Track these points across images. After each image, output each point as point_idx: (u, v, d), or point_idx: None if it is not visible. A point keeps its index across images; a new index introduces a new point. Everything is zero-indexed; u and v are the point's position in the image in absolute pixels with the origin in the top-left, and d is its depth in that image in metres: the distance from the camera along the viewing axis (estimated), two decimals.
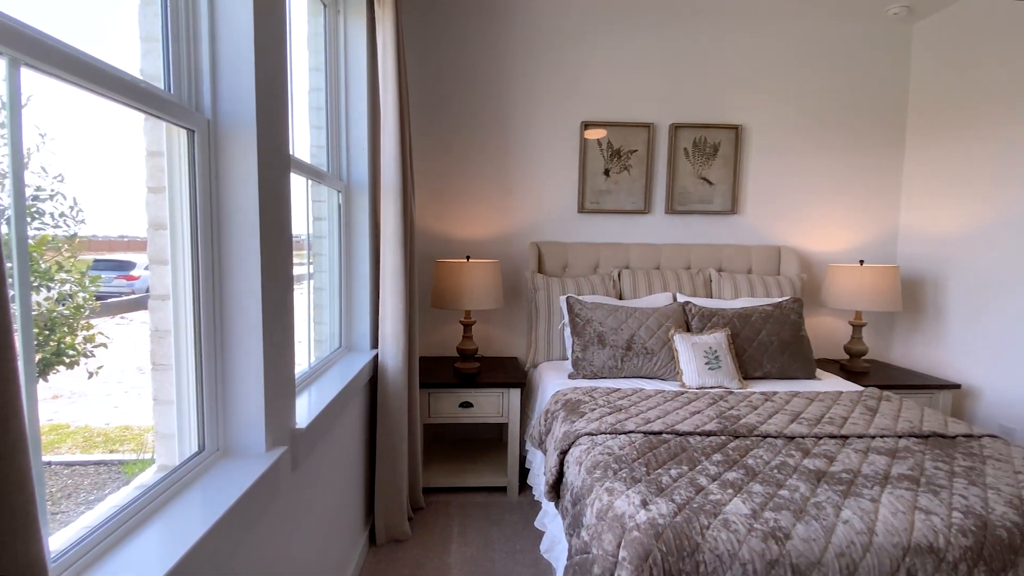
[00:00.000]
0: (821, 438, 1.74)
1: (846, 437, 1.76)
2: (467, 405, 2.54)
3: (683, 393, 2.17)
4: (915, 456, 1.60)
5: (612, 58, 3.02)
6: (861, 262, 2.90)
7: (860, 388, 2.34)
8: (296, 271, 1.72)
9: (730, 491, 1.35)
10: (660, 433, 1.73)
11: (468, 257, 2.64)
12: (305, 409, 1.43)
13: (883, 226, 3.23)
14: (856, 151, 3.17)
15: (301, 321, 1.75)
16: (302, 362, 1.74)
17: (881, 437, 1.76)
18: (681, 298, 2.79)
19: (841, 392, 2.23)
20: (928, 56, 3.03)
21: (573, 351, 2.53)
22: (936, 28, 2.98)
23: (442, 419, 2.55)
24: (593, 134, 3.02)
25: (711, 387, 2.32)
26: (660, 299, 2.77)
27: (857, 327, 2.90)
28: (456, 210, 3.04)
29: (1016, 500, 1.33)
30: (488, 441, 3.09)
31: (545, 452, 2.05)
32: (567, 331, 2.68)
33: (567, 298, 2.67)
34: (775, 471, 1.48)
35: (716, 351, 2.39)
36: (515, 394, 2.54)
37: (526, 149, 3.04)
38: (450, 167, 3.02)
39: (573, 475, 1.60)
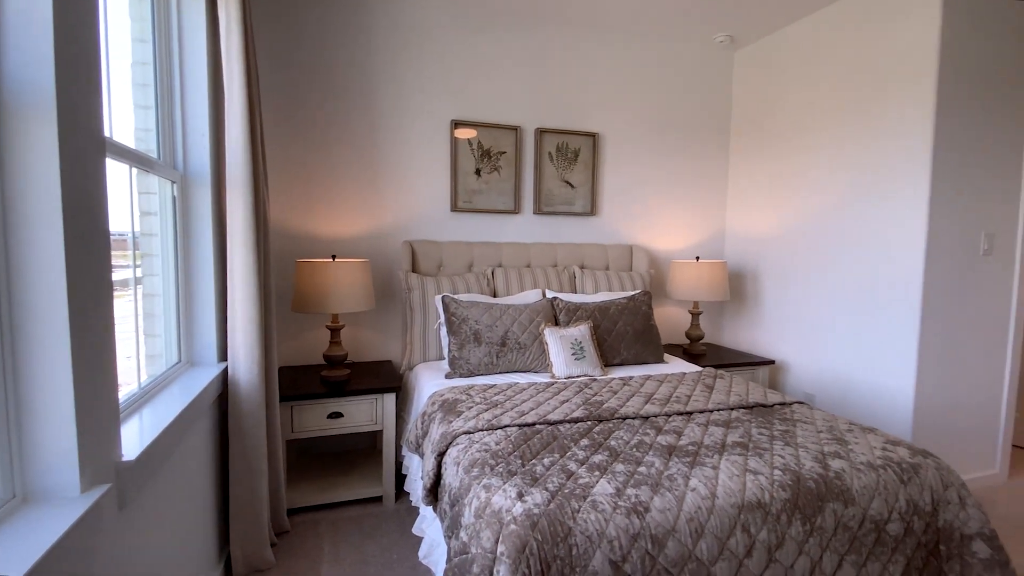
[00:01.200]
0: (671, 416, 1.94)
1: (690, 413, 1.98)
2: (337, 415, 2.39)
3: (553, 384, 2.28)
4: (744, 425, 1.86)
5: (483, 60, 3.06)
6: (697, 258, 3.31)
7: (699, 369, 2.66)
8: (120, 275, 1.46)
9: (597, 473, 1.45)
10: (533, 424, 1.79)
11: (334, 256, 2.48)
12: (135, 437, 1.22)
13: (714, 226, 3.71)
14: (693, 160, 3.60)
15: (128, 334, 1.50)
16: (131, 382, 1.49)
17: (718, 411, 2.01)
18: (550, 294, 2.92)
19: (685, 373, 2.52)
20: (746, 80, 3.54)
21: (450, 350, 2.52)
22: (752, 57, 3.49)
23: (309, 433, 2.37)
24: (463, 133, 3.03)
25: (577, 376, 2.46)
26: (531, 296, 2.87)
27: (695, 315, 3.30)
28: (320, 206, 2.85)
29: (820, 455, 1.62)
30: (361, 451, 2.94)
31: (422, 456, 2.00)
32: (443, 330, 2.66)
33: (443, 297, 2.64)
34: (634, 449, 1.62)
35: (581, 342, 2.54)
36: (390, 399, 2.45)
37: (396, 144, 2.95)
38: (311, 159, 2.81)
39: (451, 476, 1.58)
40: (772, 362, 3.19)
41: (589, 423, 1.84)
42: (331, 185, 2.86)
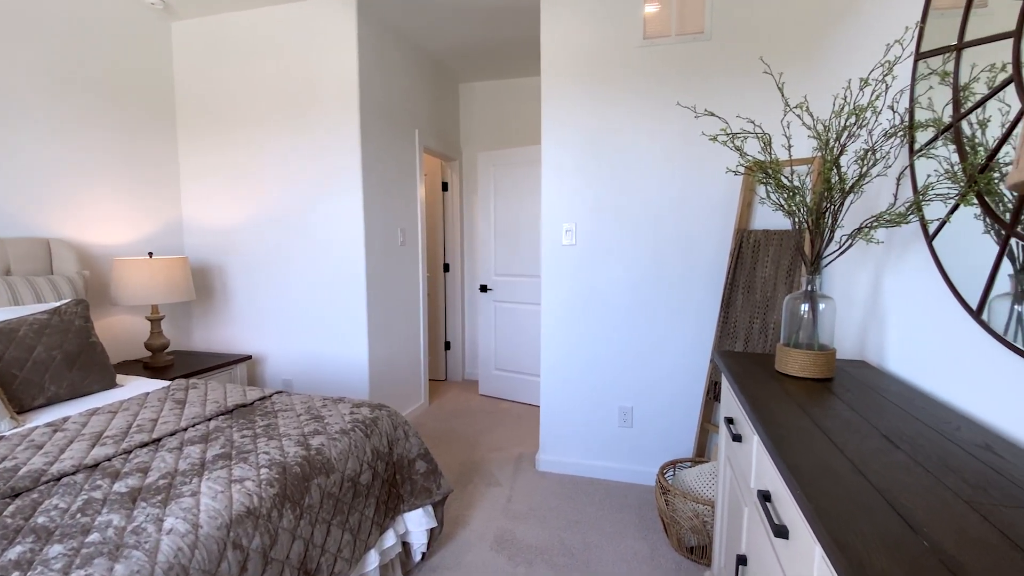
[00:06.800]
0: (132, 451, 1.58)
1: (159, 440, 1.68)
2: None
3: None
4: (225, 433, 1.73)
5: None
6: (150, 254, 2.81)
7: (167, 383, 2.30)
8: None
9: None
10: None
11: None
12: None
13: (168, 218, 3.25)
14: (135, 140, 2.99)
15: None
16: None
17: (193, 426, 1.79)
18: None
19: (148, 393, 2.11)
20: (188, 57, 3.21)
21: None
22: (194, 34, 3.19)
23: None
24: None
25: None
26: None
27: (155, 321, 2.82)
28: None
29: (302, 438, 1.70)
30: None
31: None
32: None
33: None
34: (78, 516, 1.21)
35: None
36: None
37: None
38: None
39: None
40: (249, 357, 3.13)
41: None
42: None
